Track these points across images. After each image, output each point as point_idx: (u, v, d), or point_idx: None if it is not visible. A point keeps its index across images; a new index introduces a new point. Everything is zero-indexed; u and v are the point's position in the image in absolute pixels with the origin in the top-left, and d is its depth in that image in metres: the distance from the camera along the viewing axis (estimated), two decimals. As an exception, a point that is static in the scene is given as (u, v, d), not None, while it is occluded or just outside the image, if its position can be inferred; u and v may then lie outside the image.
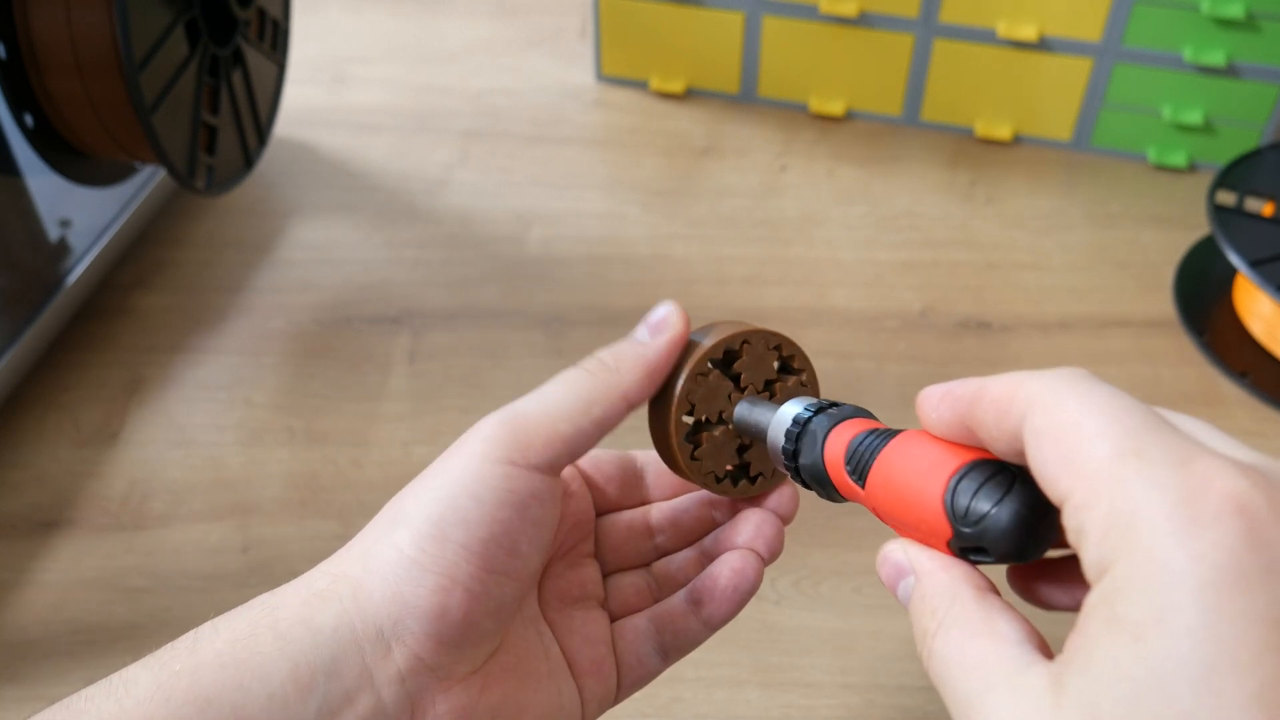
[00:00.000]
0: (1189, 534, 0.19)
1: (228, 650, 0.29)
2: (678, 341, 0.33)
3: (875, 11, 0.87)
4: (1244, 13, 0.80)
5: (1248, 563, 0.19)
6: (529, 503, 0.30)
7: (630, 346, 0.33)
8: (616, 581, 0.36)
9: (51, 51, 0.61)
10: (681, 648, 0.35)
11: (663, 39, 0.94)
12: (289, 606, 0.30)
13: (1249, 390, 0.69)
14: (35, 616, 0.56)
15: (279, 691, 0.28)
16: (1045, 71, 0.87)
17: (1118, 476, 0.20)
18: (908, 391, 0.68)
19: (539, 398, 0.32)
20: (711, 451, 0.34)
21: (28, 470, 0.63)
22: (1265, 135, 0.86)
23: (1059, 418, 0.22)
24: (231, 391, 0.69)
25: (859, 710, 0.52)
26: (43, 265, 0.68)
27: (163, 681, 0.28)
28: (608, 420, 0.31)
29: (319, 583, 0.30)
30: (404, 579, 0.29)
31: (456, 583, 0.29)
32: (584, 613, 0.34)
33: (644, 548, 0.36)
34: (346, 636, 0.29)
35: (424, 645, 0.29)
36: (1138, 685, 0.19)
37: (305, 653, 0.28)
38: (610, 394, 0.32)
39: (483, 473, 0.30)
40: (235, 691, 0.28)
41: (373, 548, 0.30)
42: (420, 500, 0.30)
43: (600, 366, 0.32)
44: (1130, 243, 0.82)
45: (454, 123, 0.93)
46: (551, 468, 0.31)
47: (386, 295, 0.76)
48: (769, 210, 0.84)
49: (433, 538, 0.29)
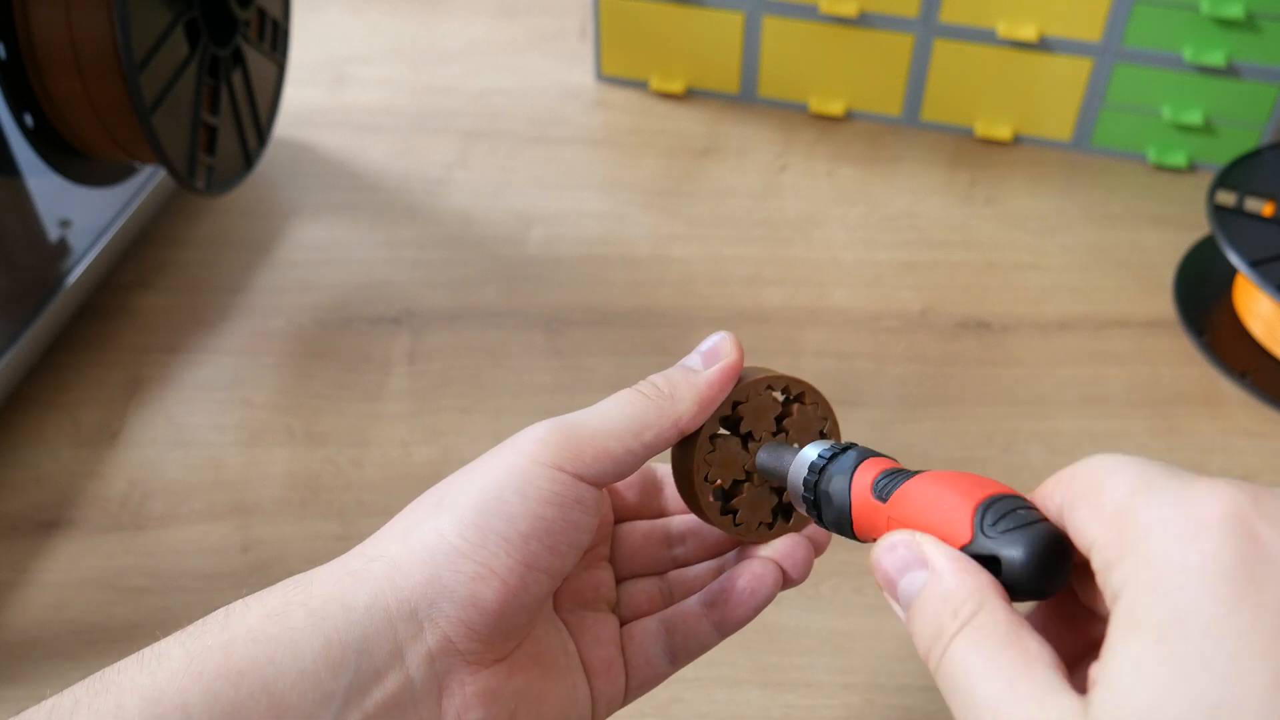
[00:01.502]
0: (1194, 537, 0.20)
1: (260, 626, 0.29)
2: (731, 371, 0.33)
3: (875, 11, 0.87)
4: (1244, 13, 0.80)
5: (1249, 556, 0.20)
6: (572, 506, 0.30)
7: (684, 374, 0.33)
8: (629, 587, 0.36)
9: (51, 51, 0.61)
10: (691, 650, 0.35)
11: (663, 39, 0.94)
12: (323, 584, 0.30)
13: (1249, 390, 0.69)
14: (35, 616, 0.56)
15: (310, 667, 0.28)
16: (1045, 71, 0.87)
17: (1131, 507, 0.22)
18: (908, 391, 0.69)
19: (595, 413, 0.32)
20: (749, 507, 0.34)
21: (28, 470, 0.63)
22: (1265, 135, 0.86)
23: (1088, 482, 0.24)
24: (231, 391, 0.69)
25: (859, 710, 0.52)
26: (43, 265, 0.68)
27: (195, 655, 0.28)
28: (658, 445, 0.32)
29: (353, 563, 0.30)
30: (443, 563, 0.29)
31: (494, 573, 0.29)
32: (594, 614, 0.35)
33: (660, 556, 0.37)
34: (380, 614, 0.29)
35: (456, 630, 0.29)
36: (1163, 684, 0.19)
37: (338, 629, 0.29)
38: (663, 420, 0.32)
39: (530, 472, 0.30)
40: (267, 666, 0.28)
41: (413, 529, 0.30)
42: (466, 489, 0.31)
43: (655, 391, 0.32)
44: (1130, 243, 0.82)
45: (454, 123, 0.93)
46: (597, 480, 0.31)
47: (386, 295, 0.76)
48: (769, 210, 0.84)
49: (475, 526, 0.29)
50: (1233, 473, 0.65)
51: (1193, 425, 0.67)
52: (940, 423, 0.66)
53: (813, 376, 0.70)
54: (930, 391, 0.69)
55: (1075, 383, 0.70)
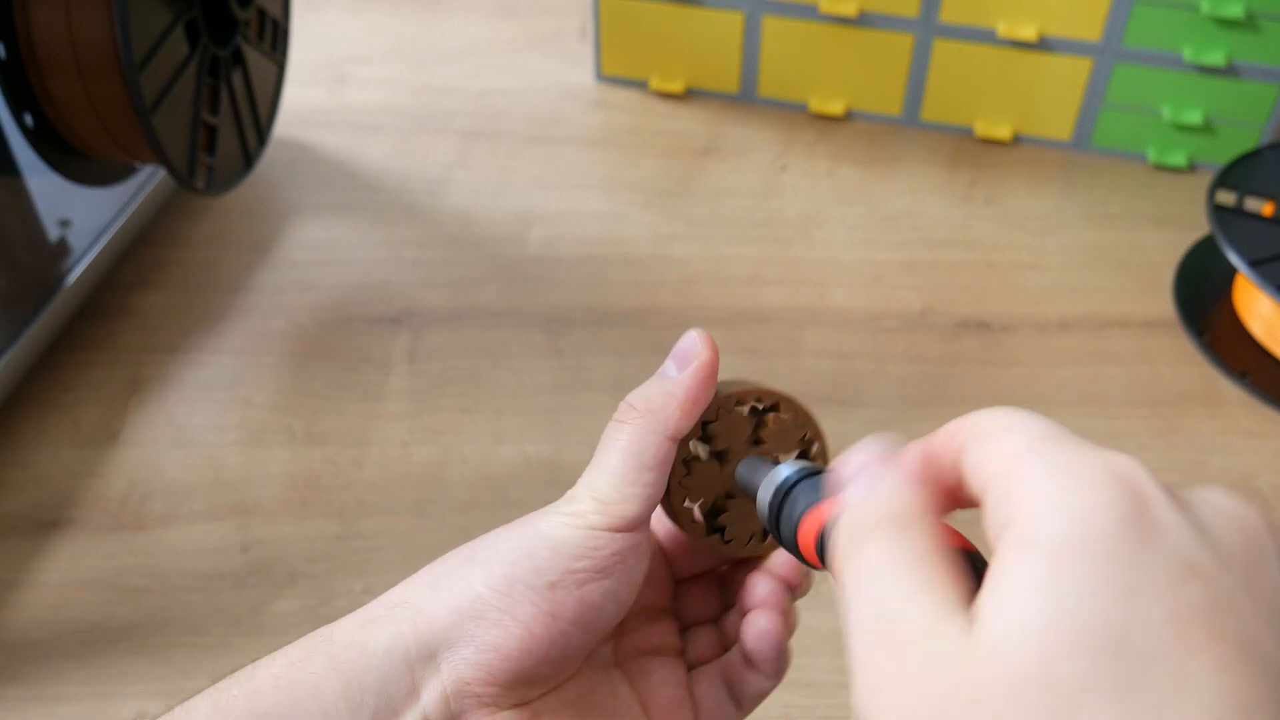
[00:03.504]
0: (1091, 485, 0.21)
1: (283, 674, 0.30)
2: (706, 369, 0.33)
3: (875, 11, 0.87)
4: (1244, 13, 0.80)
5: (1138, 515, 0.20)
6: (609, 561, 0.31)
7: (660, 384, 0.33)
8: (694, 633, 0.37)
9: (51, 51, 0.61)
10: (751, 698, 0.35)
11: (663, 39, 0.94)
12: (345, 631, 0.31)
13: (1249, 390, 0.69)
14: (35, 616, 0.56)
15: (331, 709, 0.29)
16: (1045, 71, 0.87)
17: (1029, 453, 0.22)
18: (908, 392, 0.68)
19: (602, 471, 0.32)
20: (736, 523, 0.34)
21: (28, 470, 0.63)
22: (1265, 135, 0.85)
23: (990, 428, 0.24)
24: (231, 391, 0.69)
25: (859, 710, 0.52)
26: (43, 265, 0.68)
27: (221, 704, 0.29)
28: (660, 462, 0.32)
29: (376, 610, 0.31)
30: (467, 611, 0.30)
31: (518, 621, 0.30)
32: (660, 659, 0.35)
33: (714, 603, 0.37)
34: (399, 657, 0.30)
35: (475, 673, 0.30)
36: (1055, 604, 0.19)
37: (357, 672, 0.29)
38: (653, 436, 0.32)
39: (564, 533, 0.31)
40: (291, 709, 0.29)
41: (442, 579, 0.31)
42: (498, 545, 0.31)
43: (634, 413, 0.32)
44: (1130, 243, 0.82)
45: (454, 123, 0.93)
46: (631, 524, 0.31)
47: (386, 295, 0.76)
48: (769, 210, 0.84)
49: (504, 578, 0.30)
50: (1233, 472, 0.65)
51: (1193, 425, 0.67)
52: (940, 423, 0.66)
53: (813, 376, 0.71)
54: (930, 391, 0.69)
55: (1075, 383, 0.70)
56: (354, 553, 0.60)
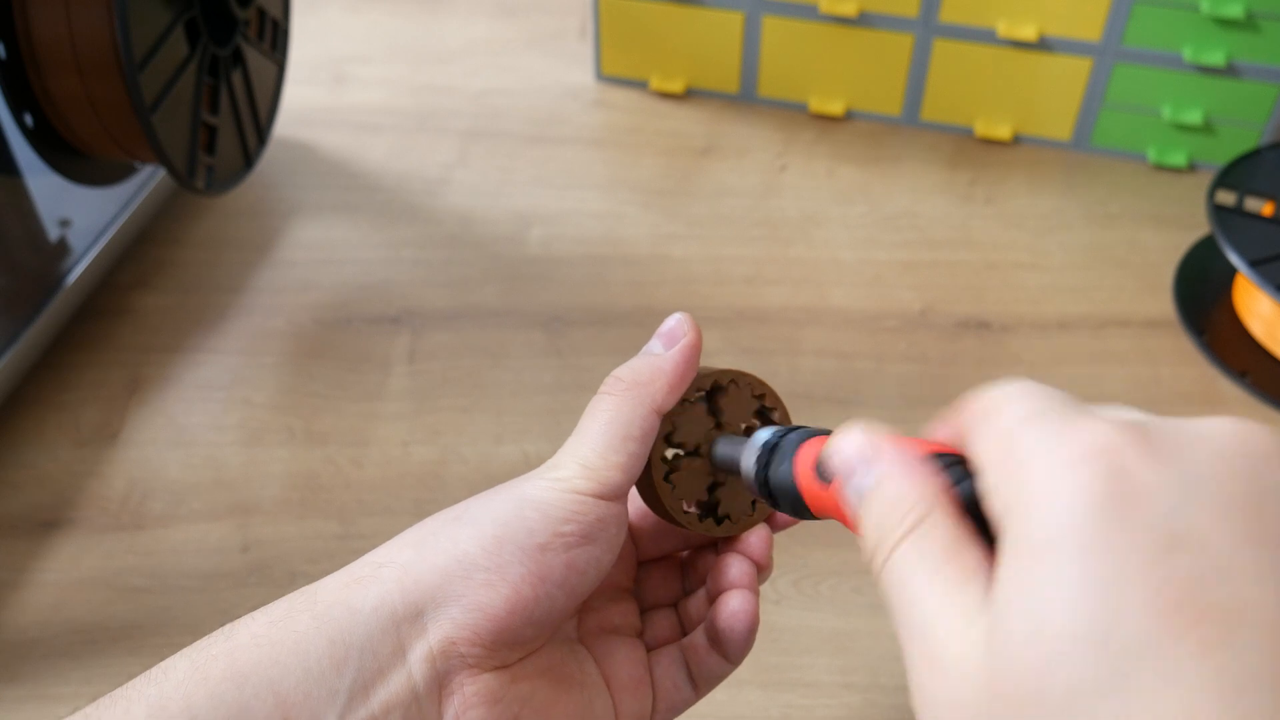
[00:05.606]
0: (1067, 467, 0.21)
1: (264, 632, 0.29)
2: (691, 349, 0.34)
3: (875, 11, 0.87)
4: (1244, 13, 0.80)
5: (1116, 491, 0.20)
6: (594, 527, 0.31)
7: (647, 360, 0.34)
8: (652, 616, 0.37)
9: (51, 51, 0.61)
10: (709, 679, 0.36)
11: (663, 39, 0.94)
12: (328, 590, 0.30)
13: (1249, 390, 0.69)
14: (35, 616, 0.56)
15: (315, 666, 0.28)
16: (1045, 71, 0.87)
17: (1017, 434, 0.23)
18: (908, 391, 0.68)
19: (586, 436, 0.33)
20: (686, 479, 0.35)
21: (28, 470, 0.63)
22: (1265, 135, 0.86)
23: (987, 406, 0.24)
24: (231, 391, 0.69)
25: (859, 710, 0.52)
26: (43, 265, 0.68)
27: (200, 664, 0.29)
28: (645, 434, 0.33)
29: (361, 570, 0.31)
30: (456, 570, 0.30)
31: (507, 582, 0.30)
32: (621, 639, 0.36)
33: (674, 588, 0.38)
34: (385, 615, 0.29)
35: (461, 633, 0.29)
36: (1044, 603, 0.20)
37: (342, 630, 0.29)
38: (640, 408, 0.33)
39: (551, 496, 0.31)
40: (272, 667, 0.28)
41: (428, 538, 0.31)
42: (487, 506, 0.31)
43: (620, 385, 0.33)
44: (1130, 243, 0.82)
45: (454, 123, 0.93)
46: (614, 493, 0.32)
47: (386, 295, 0.76)
48: (769, 210, 0.84)
49: (494, 539, 0.30)
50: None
51: (1193, 425, 0.67)
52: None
53: (813, 376, 0.71)
54: (930, 391, 0.69)
55: (1075, 383, 0.70)
56: (354, 553, 0.59)
